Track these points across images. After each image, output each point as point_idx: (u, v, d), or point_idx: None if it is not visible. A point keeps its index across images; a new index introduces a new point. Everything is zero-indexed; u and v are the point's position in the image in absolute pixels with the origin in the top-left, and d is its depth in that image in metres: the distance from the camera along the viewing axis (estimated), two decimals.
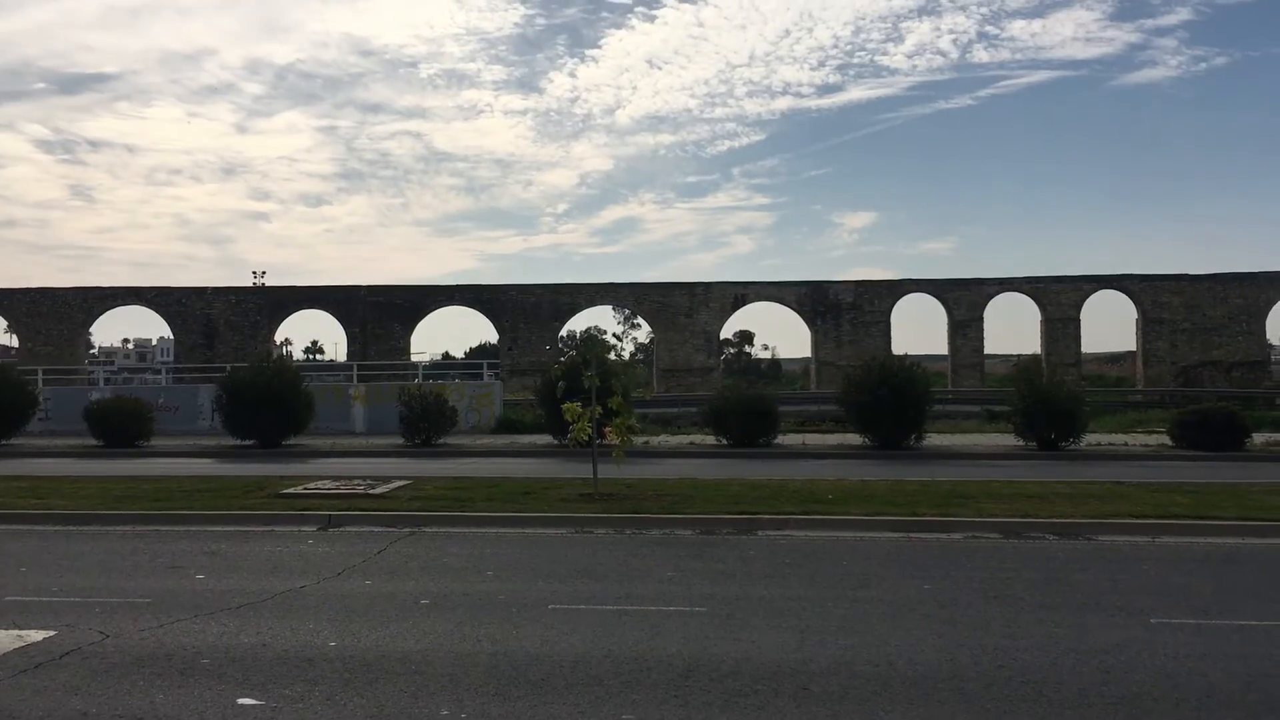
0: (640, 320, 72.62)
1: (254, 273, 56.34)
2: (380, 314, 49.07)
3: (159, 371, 52.06)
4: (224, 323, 48.39)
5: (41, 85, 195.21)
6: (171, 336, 52.16)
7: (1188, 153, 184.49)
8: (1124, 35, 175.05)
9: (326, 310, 50.15)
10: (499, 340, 50.98)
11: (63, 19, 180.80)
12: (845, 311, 49.15)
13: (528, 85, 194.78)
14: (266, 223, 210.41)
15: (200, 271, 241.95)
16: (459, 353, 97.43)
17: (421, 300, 50.24)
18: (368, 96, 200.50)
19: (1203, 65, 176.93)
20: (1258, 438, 26.15)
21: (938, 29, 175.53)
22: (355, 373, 38.16)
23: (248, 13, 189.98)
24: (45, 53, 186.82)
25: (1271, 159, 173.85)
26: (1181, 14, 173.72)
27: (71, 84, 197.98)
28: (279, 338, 65.26)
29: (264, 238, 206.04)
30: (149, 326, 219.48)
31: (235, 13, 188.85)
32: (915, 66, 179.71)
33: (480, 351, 79.68)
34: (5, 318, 50.07)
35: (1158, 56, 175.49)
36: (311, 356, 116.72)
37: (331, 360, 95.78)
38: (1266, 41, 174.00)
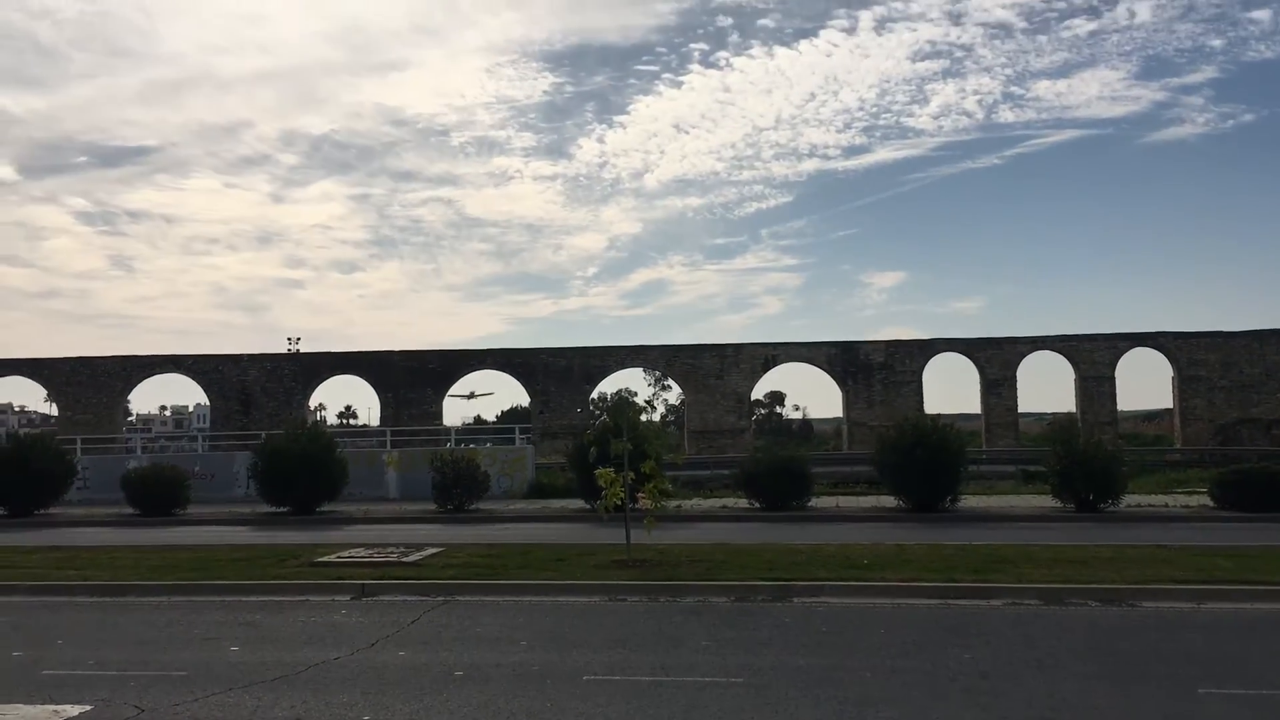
0: (671, 382, 72.62)
1: (288, 339, 57.34)
2: (413, 378, 49.37)
3: (195, 439, 52.55)
4: (259, 389, 48.83)
5: (83, 159, 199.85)
6: (208, 403, 52.65)
7: (1219, 208, 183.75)
8: (1150, 94, 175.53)
9: (360, 375, 50.54)
10: (530, 404, 51.10)
11: (105, 95, 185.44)
12: (876, 371, 48.98)
13: (557, 151, 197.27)
14: (301, 289, 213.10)
15: (236, 338, 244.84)
16: (491, 416, 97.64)
17: (453, 364, 50.55)
18: (400, 165, 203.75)
19: (1230, 122, 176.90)
20: None
21: (962, 90, 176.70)
22: (388, 438, 38.31)
23: (284, 87, 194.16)
24: (87, 127, 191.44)
25: None
26: (1207, 72, 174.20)
27: (112, 157, 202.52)
28: (313, 403, 65.77)
29: (298, 304, 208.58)
30: (186, 393, 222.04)
31: (272, 86, 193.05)
32: (941, 127, 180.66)
33: (512, 415, 79.86)
34: (45, 387, 50.74)
35: (1185, 114, 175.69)
36: (345, 421, 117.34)
37: (365, 425, 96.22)
38: None
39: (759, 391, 68.06)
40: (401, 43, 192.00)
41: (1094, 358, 48.59)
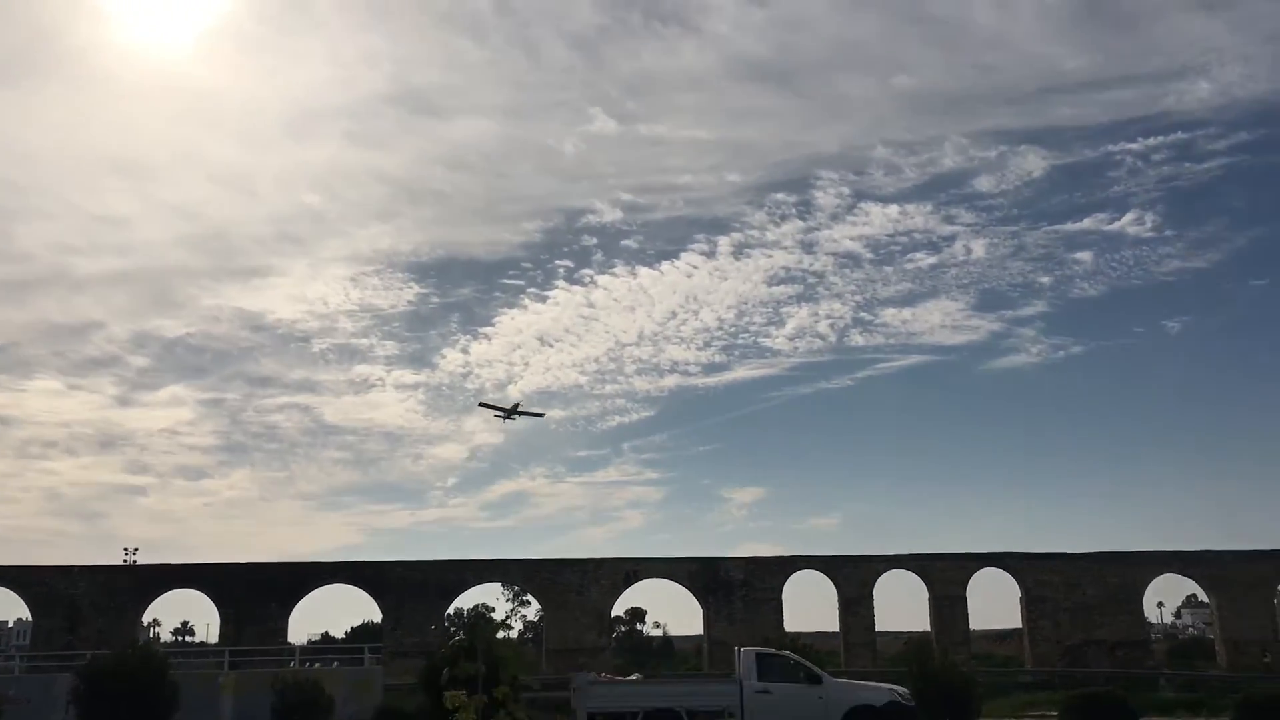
0: (530, 598, 71.18)
1: (125, 549, 53.57)
2: (257, 593, 47.09)
3: (11, 658, 48.43)
4: (89, 604, 45.81)
5: None
6: (30, 619, 49.02)
7: (1056, 433, 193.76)
8: (987, 324, 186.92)
9: (200, 589, 47.98)
10: (383, 620, 49.18)
11: None
12: (737, 589, 48.98)
13: (420, 360, 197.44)
14: (143, 496, 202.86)
15: (68, 548, 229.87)
16: (340, 632, 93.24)
17: (302, 578, 48.54)
18: (257, 370, 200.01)
19: (1061, 354, 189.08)
20: None
21: (816, 314, 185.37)
22: (226, 658, 36.10)
23: (139, 289, 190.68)
24: None
25: (1130, 442, 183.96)
26: (1038, 306, 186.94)
27: None
28: (147, 619, 61.99)
29: (139, 512, 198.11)
30: (6, 608, 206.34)
31: (127, 288, 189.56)
32: (796, 348, 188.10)
33: (362, 631, 76.41)
34: None
35: (1020, 344, 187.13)
36: (181, 639, 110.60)
37: (202, 643, 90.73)
38: (1116, 334, 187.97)
39: (620, 608, 67.05)
40: (266, 250, 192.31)
41: (946, 577, 49.67)
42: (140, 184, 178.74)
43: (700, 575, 49.32)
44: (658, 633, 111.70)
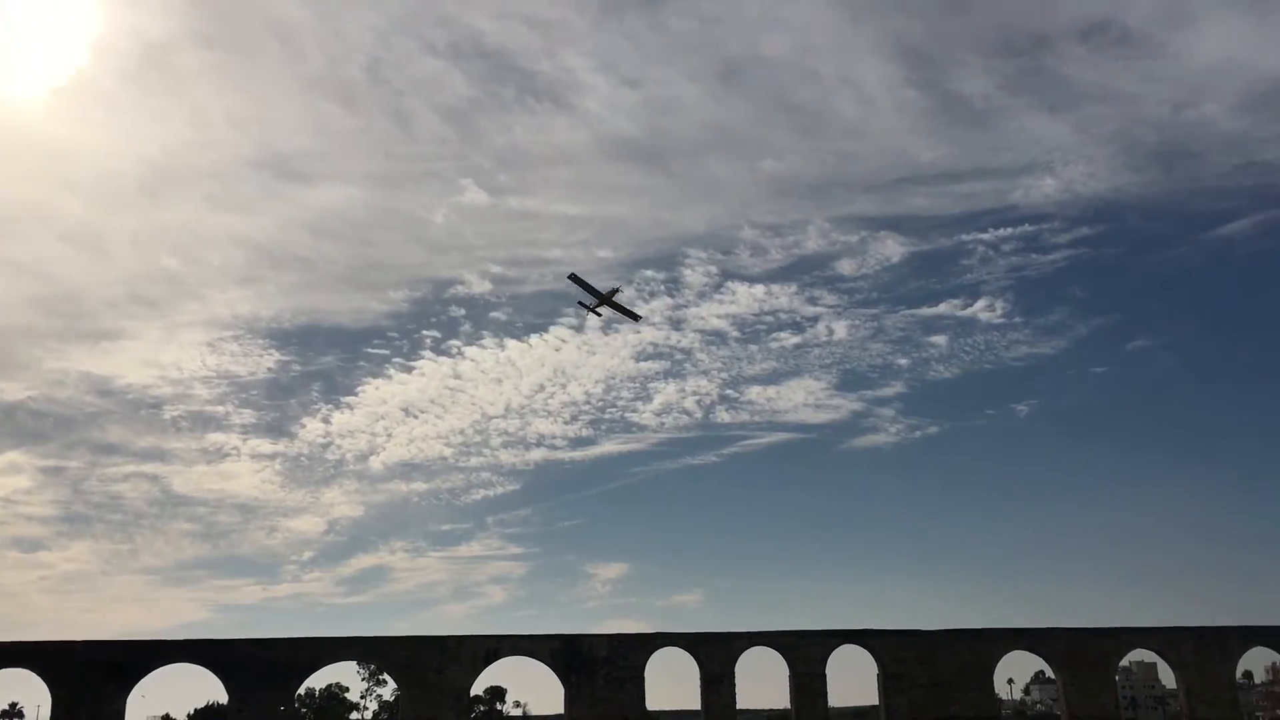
0: (386, 677, 69.09)
1: None
2: (94, 673, 44.54)
3: None
4: None
5: None
6: None
7: (913, 510, 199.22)
8: (849, 403, 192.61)
9: (31, 669, 45.13)
10: (229, 701, 46.99)
11: None
12: (599, 666, 48.46)
13: (278, 430, 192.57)
14: None
15: None
16: (182, 715, 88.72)
17: (143, 657, 46.12)
18: (103, 437, 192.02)
19: (918, 433, 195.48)
20: None
21: (683, 390, 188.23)
22: None
23: None
24: None
25: (982, 520, 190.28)
26: (896, 387, 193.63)
27: None
28: None
29: None
30: None
31: None
32: (663, 424, 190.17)
33: (206, 713, 72.93)
34: None
35: (879, 424, 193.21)
36: None
37: None
38: (969, 415, 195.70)
39: (479, 686, 65.61)
40: (117, 312, 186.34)
41: (806, 654, 50.10)
42: None
43: (562, 653, 48.67)
44: (518, 712, 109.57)
